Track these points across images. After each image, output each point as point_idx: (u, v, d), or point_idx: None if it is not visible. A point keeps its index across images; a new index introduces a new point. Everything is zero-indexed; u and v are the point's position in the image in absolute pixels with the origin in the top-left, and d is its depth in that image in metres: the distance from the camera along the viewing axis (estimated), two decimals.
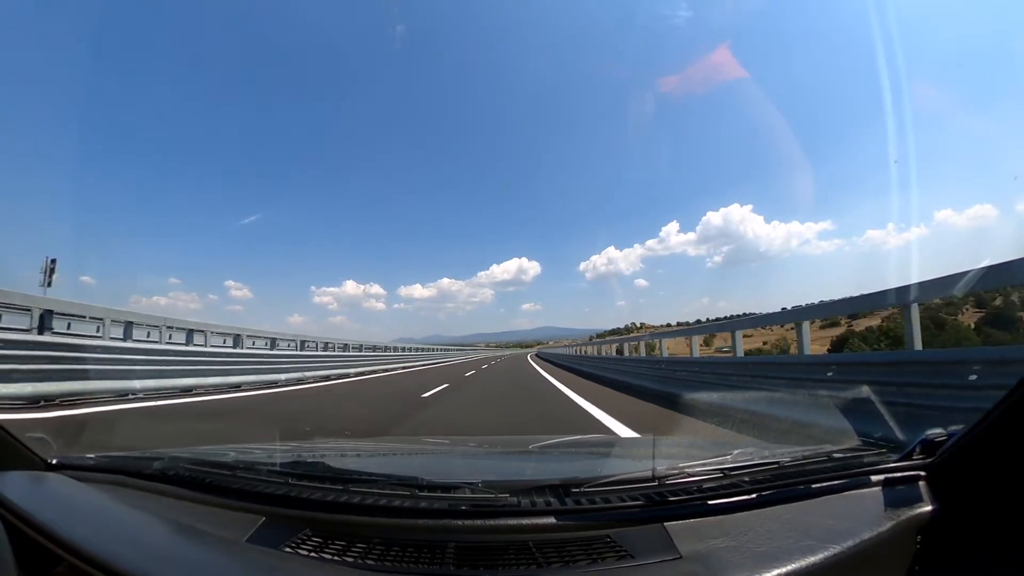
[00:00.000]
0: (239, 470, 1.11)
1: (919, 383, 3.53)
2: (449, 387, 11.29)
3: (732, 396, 5.98)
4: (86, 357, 7.13)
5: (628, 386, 10.09)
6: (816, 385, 4.63)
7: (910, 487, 0.92)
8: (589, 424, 5.67)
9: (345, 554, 0.83)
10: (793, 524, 0.84)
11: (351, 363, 17.93)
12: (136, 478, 1.16)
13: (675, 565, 0.76)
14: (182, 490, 1.08)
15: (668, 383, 8.35)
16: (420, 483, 0.96)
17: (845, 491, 0.95)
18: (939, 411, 3.19)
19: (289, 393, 10.09)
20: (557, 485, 0.93)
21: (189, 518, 0.97)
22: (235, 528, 0.92)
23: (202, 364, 9.84)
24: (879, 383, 3.93)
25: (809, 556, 0.73)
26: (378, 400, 9.10)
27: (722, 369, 7.59)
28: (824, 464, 1.03)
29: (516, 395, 9.78)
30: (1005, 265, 3.75)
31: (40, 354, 6.49)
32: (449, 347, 49.33)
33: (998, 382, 2.95)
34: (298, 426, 5.65)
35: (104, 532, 0.89)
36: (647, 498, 0.91)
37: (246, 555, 0.84)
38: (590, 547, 0.82)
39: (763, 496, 0.93)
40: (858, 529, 0.80)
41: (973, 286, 3.94)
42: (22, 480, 1.07)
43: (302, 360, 14.42)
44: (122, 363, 7.84)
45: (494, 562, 0.80)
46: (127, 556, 0.78)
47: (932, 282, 4.41)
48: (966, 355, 3.51)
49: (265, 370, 11.90)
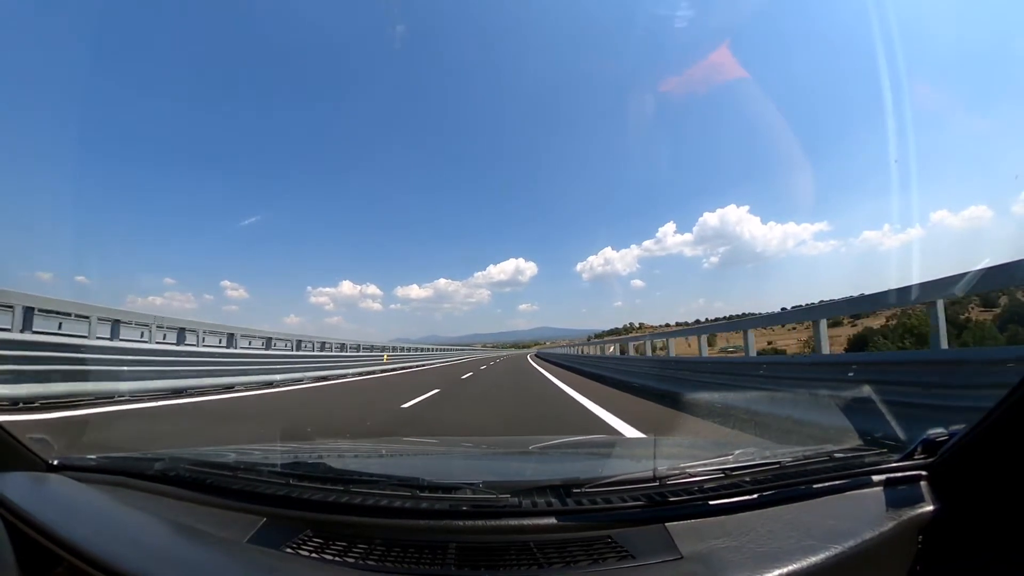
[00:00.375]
0: (240, 471, 1.11)
1: (950, 384, 3.31)
2: (443, 393, 10.16)
3: (747, 397, 5.72)
4: (68, 357, 6.80)
5: (646, 390, 9.16)
6: (840, 386, 4.30)
7: (912, 487, 0.92)
8: (592, 425, 5.65)
9: (346, 555, 0.83)
10: (794, 524, 0.84)
11: (349, 363, 17.63)
12: (137, 479, 1.16)
13: (676, 565, 0.76)
14: (183, 491, 1.08)
15: (685, 385, 7.70)
16: (421, 484, 0.96)
17: (846, 491, 0.95)
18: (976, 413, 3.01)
19: (257, 398, 9.19)
20: (558, 485, 0.93)
21: (190, 519, 0.97)
22: (236, 529, 0.92)
23: (193, 365, 9.47)
24: (912, 383, 3.62)
25: (811, 556, 0.73)
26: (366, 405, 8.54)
27: (736, 369, 7.23)
28: (825, 464, 1.03)
29: (526, 402, 8.59)
30: (1005, 266, 3.76)
31: (14, 354, 6.08)
32: (448, 347, 48.89)
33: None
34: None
35: (105, 533, 0.89)
36: (648, 498, 0.91)
37: (247, 556, 0.84)
38: (591, 547, 0.82)
39: (764, 496, 0.93)
40: (860, 529, 0.80)
41: (974, 286, 3.94)
42: (23, 481, 1.07)
43: (298, 360, 14.09)
44: (108, 363, 7.47)
45: (495, 563, 0.80)
46: (128, 557, 0.78)
47: (955, 278, 4.22)
48: (1000, 354, 3.35)
49: (258, 371, 11.60)
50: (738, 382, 6.58)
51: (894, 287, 4.84)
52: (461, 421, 6.45)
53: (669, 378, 8.79)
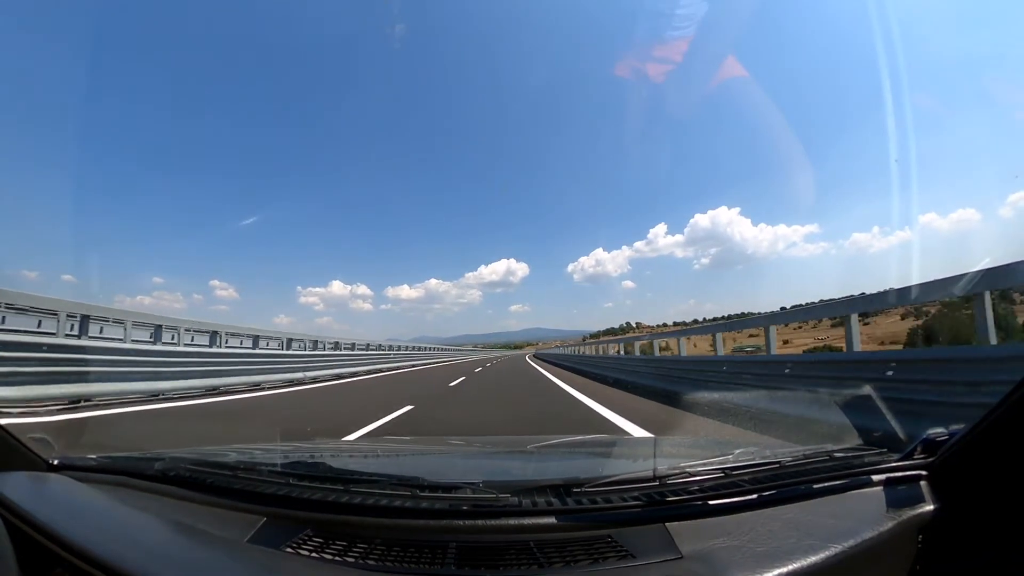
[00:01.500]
0: (240, 471, 1.11)
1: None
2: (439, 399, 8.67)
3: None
4: (23, 357, 6.10)
5: (667, 395, 7.61)
6: (891, 387, 3.77)
7: (911, 487, 0.92)
8: (592, 424, 5.63)
9: (346, 554, 0.84)
10: (794, 524, 0.84)
11: (342, 363, 16.53)
12: (137, 479, 1.16)
13: (676, 565, 0.76)
14: (183, 490, 1.08)
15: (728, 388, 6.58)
16: (421, 483, 0.96)
17: (846, 491, 0.95)
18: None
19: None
20: (558, 485, 0.93)
21: (190, 518, 0.97)
22: (236, 528, 0.92)
23: (170, 365, 8.72)
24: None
25: (810, 556, 0.73)
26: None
27: (756, 369, 6.52)
28: (825, 464, 1.03)
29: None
30: (1005, 267, 3.76)
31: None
32: (445, 347, 48.36)
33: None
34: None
35: (105, 532, 0.89)
36: (648, 498, 0.91)
37: (247, 555, 0.84)
38: (591, 547, 0.82)
39: (764, 496, 0.93)
40: (860, 529, 0.80)
41: (974, 286, 3.94)
42: (24, 480, 1.07)
43: (287, 360, 13.12)
44: (75, 364, 6.75)
45: (495, 562, 0.80)
46: (128, 556, 0.78)
47: (955, 279, 3.98)
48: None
49: (245, 371, 10.75)
50: (764, 383, 5.69)
51: (895, 287, 4.75)
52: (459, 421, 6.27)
53: (675, 380, 8.10)
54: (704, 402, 6.36)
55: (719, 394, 6.54)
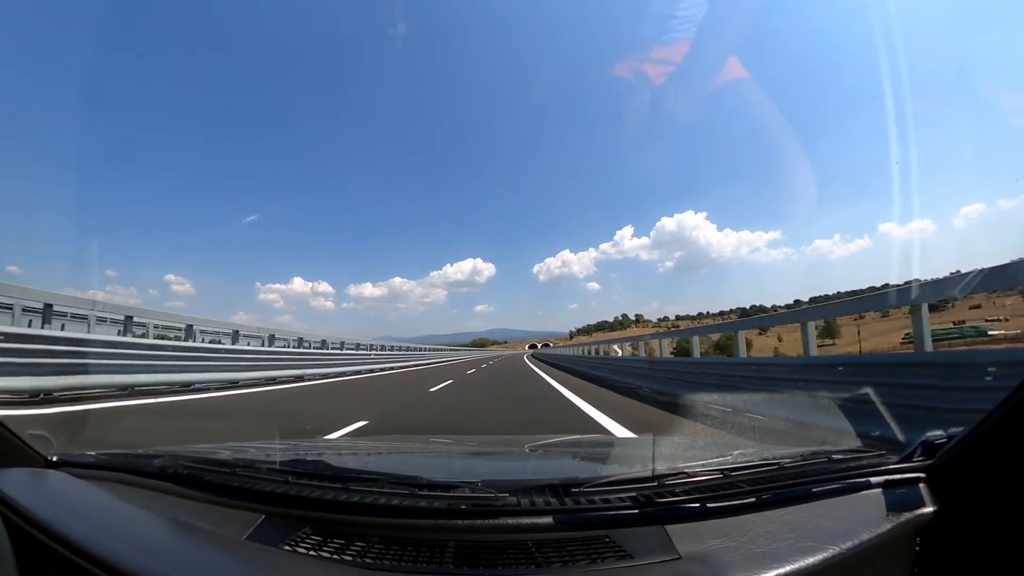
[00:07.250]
0: (239, 468, 1.11)
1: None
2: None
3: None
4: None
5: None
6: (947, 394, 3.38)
7: (910, 489, 0.92)
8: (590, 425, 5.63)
9: (344, 552, 0.84)
10: (793, 525, 0.84)
11: (316, 363, 15.08)
12: (136, 476, 1.16)
13: (674, 566, 0.76)
14: (182, 488, 1.08)
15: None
16: (420, 482, 0.96)
17: (845, 493, 0.95)
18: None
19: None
20: (557, 485, 0.93)
21: (189, 516, 0.97)
22: (234, 526, 0.92)
23: (144, 359, 8.13)
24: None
25: (809, 557, 0.73)
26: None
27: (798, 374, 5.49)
28: (824, 466, 1.03)
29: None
30: (1006, 267, 3.76)
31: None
32: (439, 347, 46.62)
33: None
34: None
35: (104, 529, 0.89)
36: (647, 499, 0.91)
37: (245, 553, 0.84)
38: (589, 547, 0.82)
39: (763, 497, 0.92)
40: (858, 531, 0.80)
41: (974, 287, 3.94)
42: (22, 477, 1.07)
43: (279, 358, 12.84)
44: (29, 355, 6.15)
45: (493, 561, 0.80)
46: (126, 553, 0.78)
47: (955, 279, 4.13)
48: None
49: (222, 368, 10.34)
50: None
51: (845, 291, 4.70)
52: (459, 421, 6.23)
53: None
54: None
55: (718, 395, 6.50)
